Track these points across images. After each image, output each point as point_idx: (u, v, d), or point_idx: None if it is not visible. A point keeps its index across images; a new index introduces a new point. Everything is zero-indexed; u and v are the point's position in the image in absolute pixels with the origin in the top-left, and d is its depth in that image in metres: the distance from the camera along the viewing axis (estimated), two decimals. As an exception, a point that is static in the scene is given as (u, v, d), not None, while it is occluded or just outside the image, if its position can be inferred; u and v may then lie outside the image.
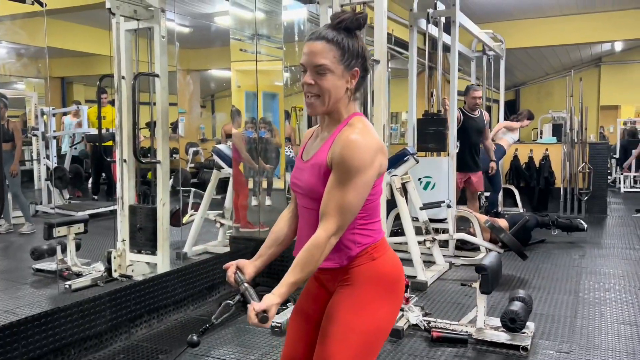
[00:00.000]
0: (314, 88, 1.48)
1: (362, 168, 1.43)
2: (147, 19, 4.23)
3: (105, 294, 3.02)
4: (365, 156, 1.44)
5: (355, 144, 1.43)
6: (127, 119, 4.24)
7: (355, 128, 1.48)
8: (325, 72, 1.47)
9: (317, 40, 1.48)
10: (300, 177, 1.59)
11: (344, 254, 1.53)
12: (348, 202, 1.44)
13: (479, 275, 3.11)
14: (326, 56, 1.46)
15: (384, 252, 1.57)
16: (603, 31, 8.44)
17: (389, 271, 1.57)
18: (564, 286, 4.31)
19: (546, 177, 7.75)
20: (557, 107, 12.69)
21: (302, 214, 1.61)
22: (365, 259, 1.54)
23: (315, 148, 1.58)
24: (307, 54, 1.48)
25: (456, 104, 5.19)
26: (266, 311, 1.40)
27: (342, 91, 1.51)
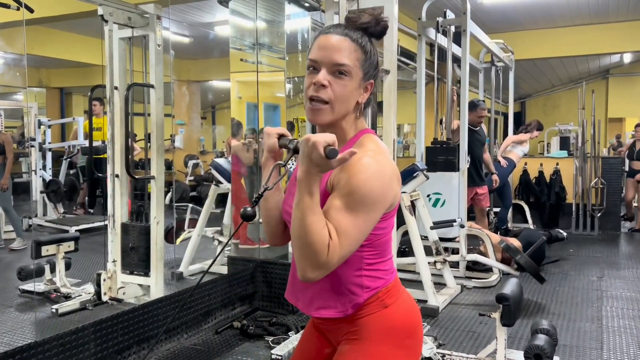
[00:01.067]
0: (326, 92, 1.20)
1: (368, 198, 1.14)
2: (142, 26, 4.01)
3: (89, 325, 2.75)
4: (375, 183, 1.15)
5: (366, 168, 1.15)
6: (120, 131, 4.01)
7: (366, 149, 1.21)
8: (345, 74, 1.21)
9: (339, 35, 1.22)
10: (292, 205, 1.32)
11: (349, 300, 1.25)
12: (346, 233, 1.14)
13: (500, 306, 2.83)
14: (349, 56, 1.21)
15: (398, 297, 1.30)
16: (615, 42, 8.20)
17: (404, 321, 1.29)
18: (585, 312, 4.03)
19: (557, 193, 7.48)
20: (564, 120, 12.44)
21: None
22: (375, 307, 1.26)
23: None
24: (325, 48, 1.21)
25: (467, 118, 4.94)
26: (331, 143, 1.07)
27: (353, 103, 1.25)
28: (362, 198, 1.14)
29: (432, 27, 5.04)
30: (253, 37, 4.50)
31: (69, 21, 6.75)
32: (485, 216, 5.92)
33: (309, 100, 1.23)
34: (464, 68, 4.93)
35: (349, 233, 1.14)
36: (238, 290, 3.92)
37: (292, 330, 3.47)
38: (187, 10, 6.90)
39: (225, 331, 3.59)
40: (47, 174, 7.65)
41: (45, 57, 9.13)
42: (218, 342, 3.43)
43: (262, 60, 4.51)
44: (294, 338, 3.29)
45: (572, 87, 13.71)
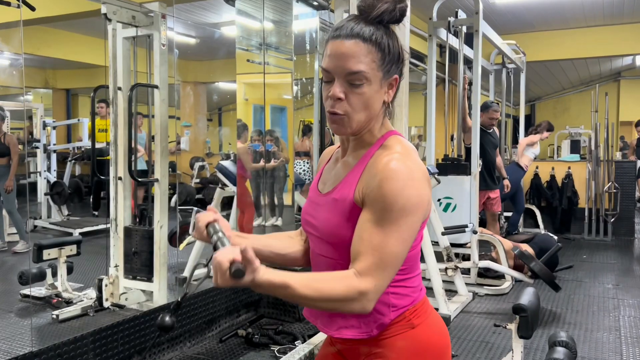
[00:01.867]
0: (341, 105, 1.11)
1: (407, 207, 1.05)
2: (146, 25, 3.92)
3: (88, 334, 2.65)
4: (412, 192, 1.06)
5: (397, 174, 1.06)
6: (123, 133, 3.91)
7: (393, 152, 1.11)
8: (361, 82, 1.09)
9: (349, 39, 1.09)
10: (315, 215, 1.20)
11: (374, 320, 1.15)
12: (390, 252, 1.05)
13: (516, 317, 2.70)
14: (363, 60, 1.09)
15: (426, 317, 1.19)
16: (629, 43, 8.03)
17: (433, 343, 1.18)
18: (602, 322, 3.89)
19: (569, 197, 7.32)
20: (574, 123, 12.24)
21: (316, 263, 1.22)
22: (402, 327, 1.15)
23: (337, 177, 1.20)
24: (336, 57, 1.10)
25: (479, 121, 4.82)
26: (247, 265, 0.95)
27: (379, 105, 1.14)
28: (399, 210, 1.05)
29: (443, 28, 4.92)
30: (260, 38, 4.40)
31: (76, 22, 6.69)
32: (497, 221, 5.79)
33: (329, 114, 1.14)
34: (476, 69, 4.80)
35: (389, 251, 1.05)
36: (243, 296, 3.81)
37: (299, 340, 3.35)
38: (193, 10, 6.81)
39: (230, 339, 3.48)
40: (52, 175, 7.58)
41: (52, 58, 9.09)
42: (222, 351, 3.32)
43: (269, 61, 4.41)
44: (301, 348, 3.17)
45: (583, 90, 13.53)
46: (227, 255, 0.95)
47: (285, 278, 1.00)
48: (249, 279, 0.96)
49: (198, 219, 1.16)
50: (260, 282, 0.98)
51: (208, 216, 1.15)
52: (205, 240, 1.14)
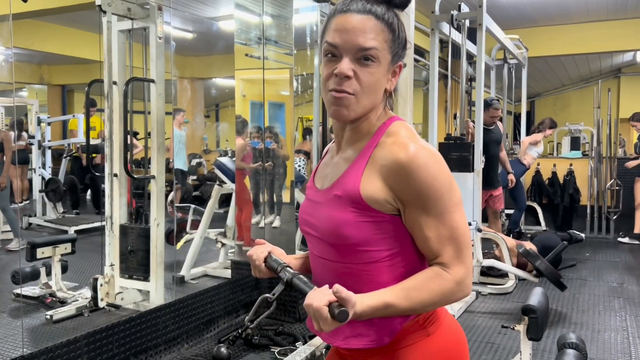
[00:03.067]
0: (350, 84, 1.01)
1: (450, 184, 1.02)
2: (142, 18, 3.81)
3: (82, 337, 2.55)
4: (444, 170, 1.03)
5: (424, 161, 1.00)
6: (118, 128, 3.81)
7: (400, 137, 1.03)
8: (372, 60, 1.01)
9: (361, 13, 1.01)
10: (314, 214, 1.11)
11: (385, 326, 1.05)
12: (461, 232, 1.02)
13: (525, 318, 2.61)
14: (376, 37, 1.01)
15: (442, 322, 1.10)
16: (632, 38, 7.92)
17: (450, 351, 1.09)
18: (609, 322, 3.81)
19: (571, 194, 7.24)
20: (574, 120, 12.17)
21: (317, 267, 1.13)
22: (416, 335, 1.06)
23: (336, 171, 1.10)
24: (346, 31, 1.01)
25: (482, 116, 4.72)
26: (344, 304, 0.91)
27: (382, 92, 1.06)
28: (447, 191, 1.01)
29: (446, 21, 4.82)
30: (259, 32, 4.30)
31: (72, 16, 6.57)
32: (499, 218, 5.71)
33: (329, 93, 1.03)
34: (479, 64, 4.71)
35: (460, 232, 1.03)
36: (242, 296, 3.71)
37: (300, 341, 3.26)
38: (190, 3, 6.69)
39: (229, 341, 3.39)
40: (47, 172, 7.47)
41: (47, 54, 8.96)
42: (221, 353, 3.22)
43: (268, 55, 4.31)
44: (302, 350, 3.08)
45: (583, 86, 13.45)
46: (323, 300, 0.91)
47: (383, 298, 0.98)
48: (351, 315, 0.92)
49: (253, 257, 1.13)
50: (360, 312, 0.95)
51: (262, 250, 1.13)
52: (269, 276, 1.13)
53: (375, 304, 0.96)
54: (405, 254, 1.05)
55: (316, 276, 1.14)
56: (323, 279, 1.09)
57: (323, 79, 1.05)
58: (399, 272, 1.05)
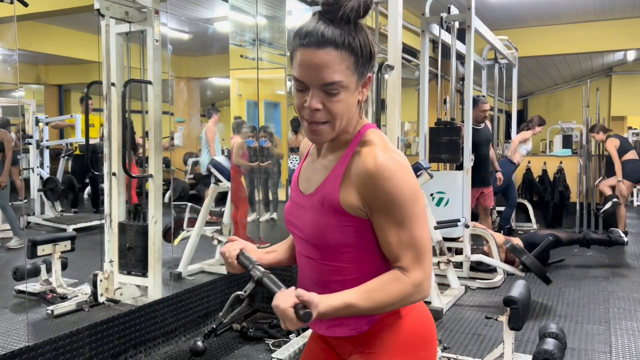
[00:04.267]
0: (321, 114, 1.09)
1: (414, 195, 1.10)
2: (139, 21, 3.92)
3: (84, 328, 2.66)
4: (410, 180, 1.10)
5: (390, 170, 1.08)
6: (117, 129, 3.92)
7: (373, 146, 1.12)
8: (338, 90, 1.07)
9: (321, 47, 1.04)
10: (299, 217, 1.20)
11: (364, 317, 1.17)
12: (420, 240, 1.11)
13: (507, 309, 2.74)
14: (338, 69, 1.05)
15: (412, 307, 1.21)
16: (621, 38, 8.09)
17: (420, 332, 1.21)
18: (592, 314, 3.95)
19: (561, 192, 7.39)
20: (566, 118, 12.34)
21: (302, 264, 1.24)
22: (389, 319, 1.18)
23: (317, 178, 1.19)
24: (309, 67, 1.06)
25: (471, 114, 4.85)
26: (308, 305, 1.01)
27: (355, 107, 1.13)
28: (411, 201, 1.09)
29: (436, 23, 4.95)
30: (253, 33, 4.41)
31: (68, 17, 6.65)
32: (489, 215, 5.84)
33: (304, 123, 1.13)
34: (469, 65, 4.84)
35: (420, 239, 1.11)
36: (238, 291, 3.83)
37: (293, 333, 3.38)
38: (186, 5, 6.80)
39: (225, 333, 3.50)
40: (45, 171, 7.56)
41: (44, 54, 9.03)
42: (217, 345, 3.34)
43: (262, 56, 4.42)
44: (295, 341, 3.21)
45: (575, 85, 13.61)
46: (288, 302, 1.01)
47: (345, 299, 1.06)
48: (315, 315, 1.01)
49: (225, 254, 1.22)
50: (324, 312, 1.04)
51: (234, 247, 1.22)
52: (241, 272, 1.21)
53: (337, 304, 1.05)
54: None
55: (302, 272, 1.24)
56: (309, 275, 1.21)
57: (296, 107, 1.13)
58: (377, 265, 1.16)
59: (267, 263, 1.29)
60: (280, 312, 1.01)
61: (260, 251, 1.27)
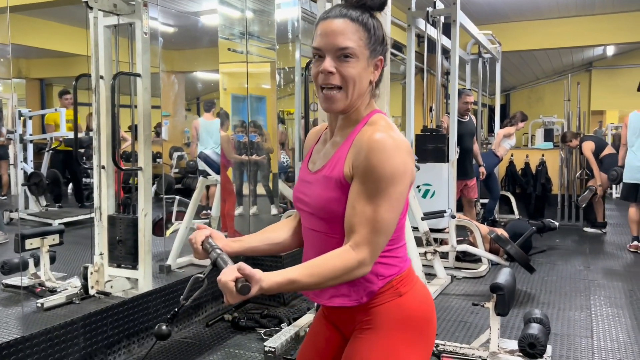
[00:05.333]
0: (335, 78, 1.18)
1: (395, 176, 1.14)
2: (127, 14, 3.92)
3: (78, 319, 2.69)
4: (397, 160, 1.14)
5: (383, 146, 1.14)
6: (106, 122, 3.92)
7: (378, 126, 1.20)
8: (350, 57, 1.18)
9: (338, 18, 1.19)
10: (306, 192, 1.28)
11: (364, 288, 1.23)
12: (382, 220, 1.14)
13: (494, 295, 2.83)
14: (352, 37, 1.18)
15: (412, 285, 1.27)
16: (601, 34, 8.26)
17: (419, 309, 1.27)
18: (574, 301, 4.07)
19: (543, 184, 7.54)
20: (548, 112, 12.54)
21: (308, 237, 1.31)
22: (390, 295, 1.24)
23: (326, 155, 1.27)
24: (326, 35, 1.19)
25: (456, 108, 4.94)
26: (249, 280, 1.05)
27: (366, 84, 1.22)
28: (388, 176, 1.13)
29: (422, 18, 5.02)
30: (241, 27, 4.43)
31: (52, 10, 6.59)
32: (473, 207, 5.95)
33: (320, 89, 1.21)
34: (454, 59, 4.92)
35: (381, 219, 1.14)
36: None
37: (284, 322, 3.44)
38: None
39: (216, 324, 3.55)
40: (29, 166, 7.49)
41: (25, 47, 8.90)
42: (209, 335, 3.39)
43: (250, 50, 4.44)
44: (287, 330, 3.26)
45: (556, 80, 13.83)
46: (229, 276, 1.05)
47: (288, 275, 1.10)
48: (256, 289, 1.06)
49: (192, 240, 1.26)
50: (267, 287, 1.08)
51: (201, 234, 1.25)
52: (206, 257, 1.24)
53: (280, 280, 1.09)
54: None
55: (307, 245, 1.31)
56: (314, 246, 1.27)
57: (313, 77, 1.23)
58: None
59: (233, 251, 1.31)
60: (222, 285, 1.05)
61: (227, 240, 1.31)
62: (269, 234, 1.40)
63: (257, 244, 1.37)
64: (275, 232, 1.41)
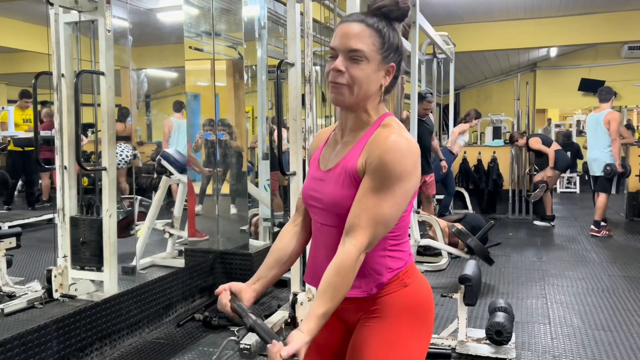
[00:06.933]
0: (343, 77, 1.25)
1: (404, 175, 1.21)
2: (89, 10, 3.83)
3: (51, 322, 2.63)
4: (408, 161, 1.22)
5: (397, 147, 1.22)
6: (68, 121, 3.82)
7: (392, 128, 1.27)
8: (360, 59, 1.24)
9: (355, 22, 1.26)
10: (320, 189, 1.34)
11: (374, 280, 1.30)
12: (383, 212, 1.21)
13: (462, 286, 2.96)
14: (365, 41, 1.24)
15: (415, 277, 1.36)
16: (546, 36, 8.67)
17: (423, 299, 1.36)
18: (531, 291, 4.29)
19: (495, 180, 7.85)
20: (496, 110, 13.03)
21: (321, 232, 1.36)
22: (396, 286, 1.32)
23: (338, 154, 1.34)
24: (341, 36, 1.26)
25: (416, 109, 5.08)
26: (296, 355, 1.14)
27: (375, 87, 1.28)
28: (397, 175, 1.20)
29: (382, 19, 5.12)
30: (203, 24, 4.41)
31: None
32: (431, 202, 6.14)
33: (330, 85, 1.28)
34: (414, 60, 5.05)
35: (382, 212, 1.21)
36: (198, 282, 3.86)
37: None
38: (130, -6, 6.60)
39: (187, 324, 3.54)
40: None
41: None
42: (181, 335, 3.38)
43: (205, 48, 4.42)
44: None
45: (503, 79, 14.37)
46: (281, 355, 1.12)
47: (317, 313, 1.18)
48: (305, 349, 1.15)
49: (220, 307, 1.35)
50: (311, 337, 1.17)
51: (225, 296, 1.34)
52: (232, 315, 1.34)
53: (315, 323, 1.17)
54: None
55: (318, 240, 1.37)
56: (327, 241, 1.32)
57: (326, 73, 1.30)
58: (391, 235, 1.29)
59: (259, 294, 1.41)
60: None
61: (249, 286, 1.39)
62: (278, 254, 1.45)
63: (273, 272, 1.43)
64: (283, 249, 1.45)
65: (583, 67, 13.15)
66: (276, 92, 3.32)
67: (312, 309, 1.19)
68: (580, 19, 8.40)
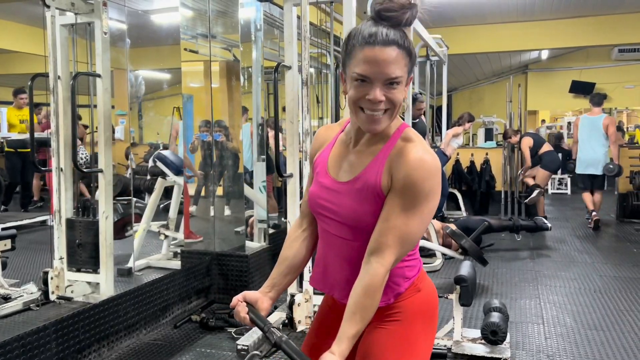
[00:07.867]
0: (383, 105, 1.20)
1: (431, 194, 1.21)
2: (86, 12, 3.84)
3: (50, 324, 2.64)
4: (435, 180, 1.22)
5: (425, 165, 1.20)
6: (65, 123, 3.83)
7: (416, 143, 1.24)
8: (398, 84, 1.20)
9: (388, 46, 1.16)
10: (335, 201, 1.31)
11: (393, 291, 1.32)
12: (410, 231, 1.22)
13: (457, 287, 3.00)
14: (401, 66, 1.18)
15: (425, 280, 1.40)
16: (538, 38, 8.76)
17: (433, 301, 1.40)
18: (524, 291, 4.34)
19: (487, 181, 7.91)
20: (488, 112, 13.12)
21: (333, 243, 1.35)
22: (410, 292, 1.34)
23: (354, 166, 1.30)
24: (376, 64, 1.17)
25: (411, 111, 5.12)
26: None
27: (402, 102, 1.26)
28: (426, 193, 1.20)
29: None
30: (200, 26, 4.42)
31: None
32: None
33: (362, 110, 1.22)
34: (408, 62, 5.09)
35: (410, 231, 1.22)
36: (195, 283, 3.88)
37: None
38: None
39: (184, 325, 3.55)
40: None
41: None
42: (178, 336, 3.39)
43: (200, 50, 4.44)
44: (256, 329, 3.30)
45: (495, 81, 14.48)
46: None
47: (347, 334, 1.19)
48: None
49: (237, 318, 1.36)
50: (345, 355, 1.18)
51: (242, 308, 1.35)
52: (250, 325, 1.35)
53: (346, 345, 1.18)
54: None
55: (330, 250, 1.36)
56: (340, 253, 1.33)
57: (354, 98, 1.22)
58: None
59: (274, 301, 1.42)
60: None
61: (264, 294, 1.40)
62: (289, 261, 1.45)
63: (287, 279, 1.44)
64: (295, 257, 1.45)
65: (574, 69, 13.28)
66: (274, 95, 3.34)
67: (344, 330, 1.20)
68: (571, 22, 8.50)
